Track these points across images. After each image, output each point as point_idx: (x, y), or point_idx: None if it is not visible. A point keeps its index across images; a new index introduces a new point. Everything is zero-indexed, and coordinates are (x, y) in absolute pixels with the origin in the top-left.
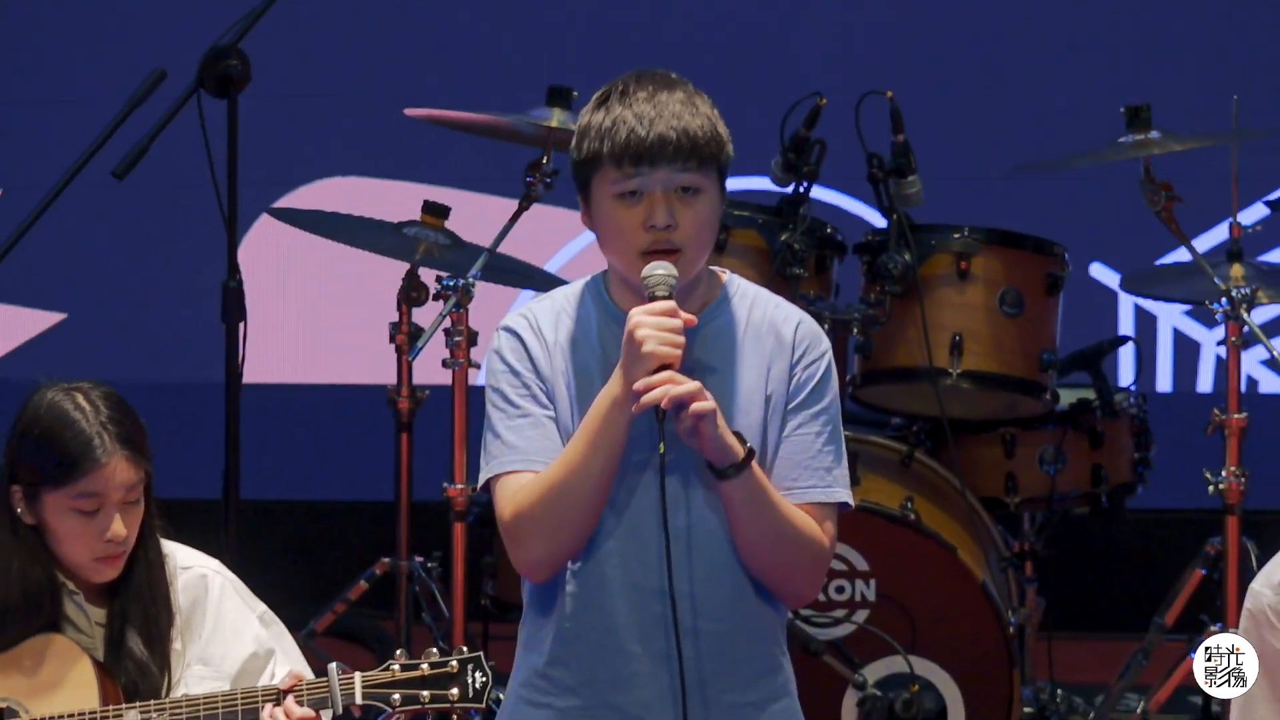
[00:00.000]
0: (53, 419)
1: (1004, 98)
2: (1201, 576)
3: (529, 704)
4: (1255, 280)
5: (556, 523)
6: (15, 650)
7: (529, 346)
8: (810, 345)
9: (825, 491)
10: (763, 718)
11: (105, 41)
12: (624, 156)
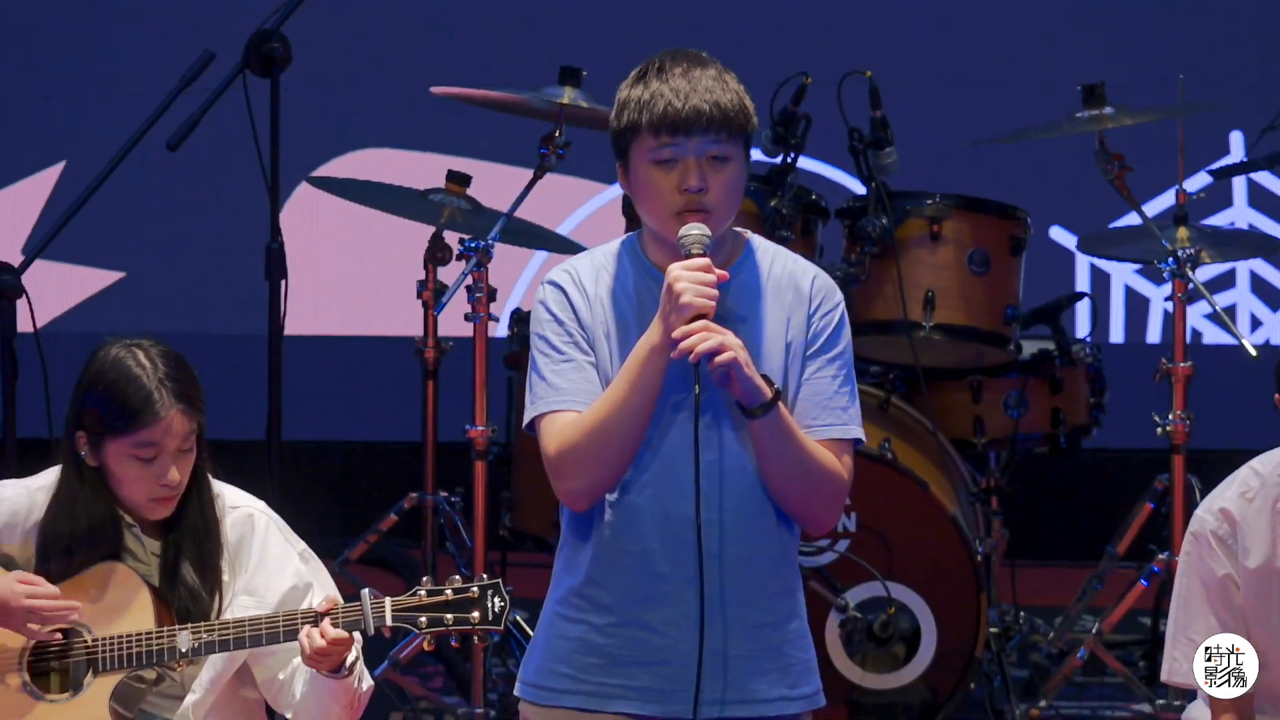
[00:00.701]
0: (117, 374)
1: (972, 76)
2: (1150, 510)
3: (566, 620)
4: (1199, 242)
5: (597, 457)
6: (80, 577)
7: (572, 298)
8: (826, 297)
9: (842, 429)
10: (779, 635)
11: (158, 26)
12: (661, 126)
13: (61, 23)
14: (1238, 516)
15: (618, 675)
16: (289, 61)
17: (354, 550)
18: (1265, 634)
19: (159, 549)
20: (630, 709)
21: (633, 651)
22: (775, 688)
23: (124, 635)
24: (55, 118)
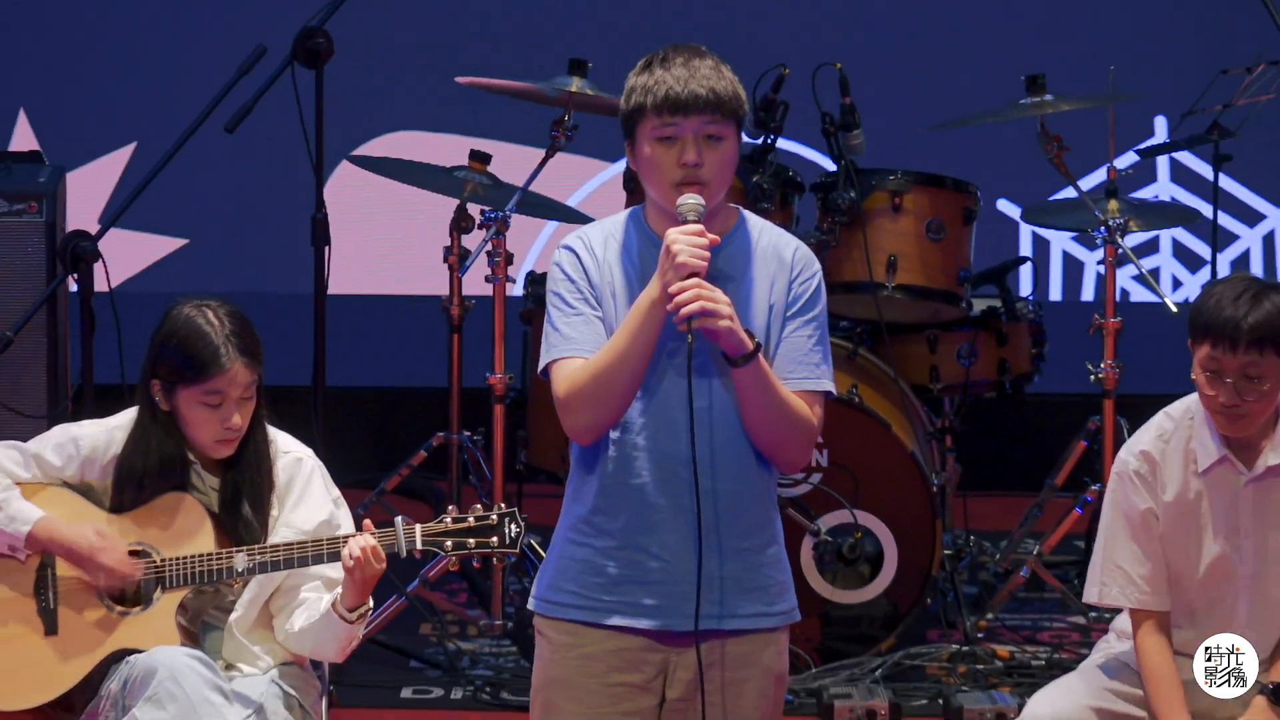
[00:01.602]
0: (188, 331)
1: (930, 68)
2: (1084, 447)
3: (574, 544)
4: (1127, 213)
5: (601, 397)
6: (150, 505)
7: (583, 261)
8: (805, 266)
9: (815, 382)
10: (759, 559)
11: (217, 23)
12: (663, 108)
13: (131, 21)
14: (1156, 457)
15: (617, 593)
16: (331, 55)
17: (389, 483)
18: (1179, 557)
19: (218, 484)
20: (626, 623)
21: (631, 573)
22: (755, 605)
23: (188, 556)
24: (127, 104)
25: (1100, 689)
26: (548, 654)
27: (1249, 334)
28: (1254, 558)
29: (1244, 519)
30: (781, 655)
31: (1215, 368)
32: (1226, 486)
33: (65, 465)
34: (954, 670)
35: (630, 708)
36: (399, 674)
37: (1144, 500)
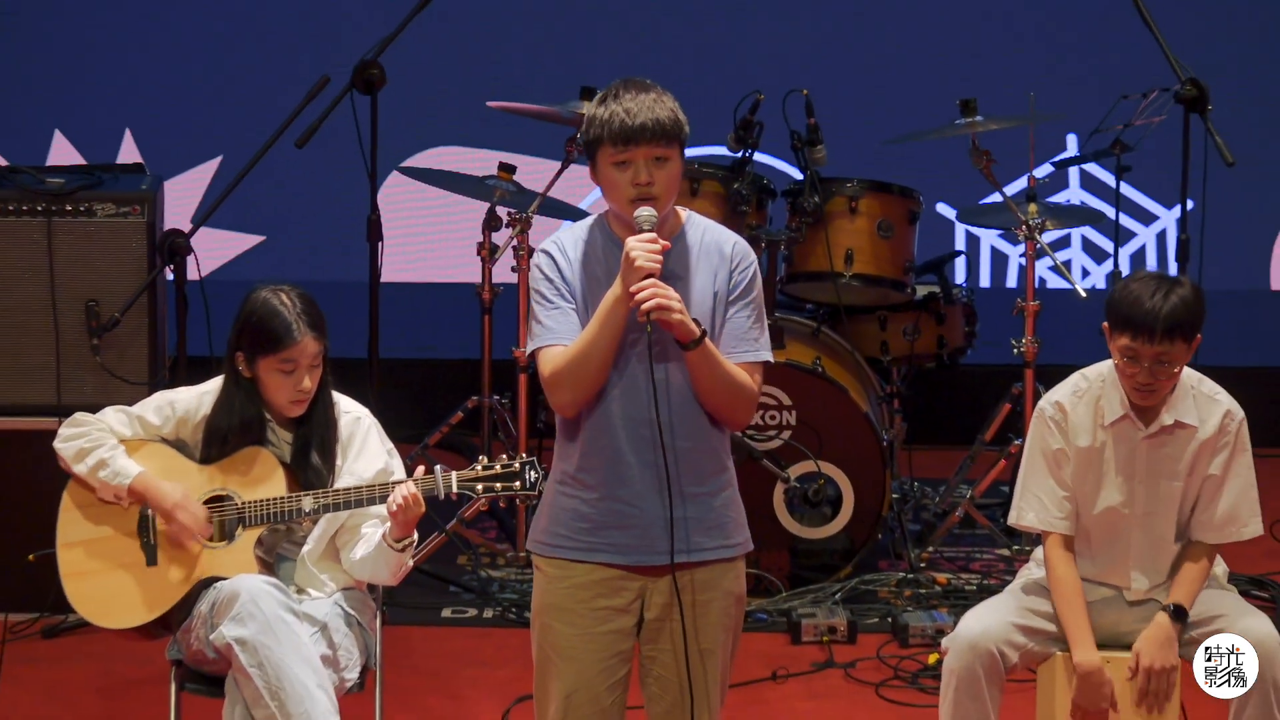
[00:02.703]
0: (266, 310)
1: (881, 93)
2: (1009, 408)
3: (562, 495)
4: (1045, 214)
5: (579, 377)
6: (233, 457)
7: (558, 262)
8: (742, 257)
9: (754, 354)
10: (715, 502)
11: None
12: (617, 138)
13: (218, 54)
14: (1069, 409)
15: (599, 535)
16: (384, 83)
17: (431, 438)
18: (1084, 495)
19: (290, 438)
20: (607, 559)
21: (610, 519)
22: (714, 539)
23: (265, 499)
24: (214, 124)
25: (1020, 608)
26: (543, 585)
27: (1164, 326)
28: (1146, 500)
29: (1139, 467)
30: (739, 579)
31: (1133, 354)
32: (1127, 439)
33: (163, 425)
34: (901, 594)
35: (612, 627)
36: (439, 597)
37: (1057, 441)
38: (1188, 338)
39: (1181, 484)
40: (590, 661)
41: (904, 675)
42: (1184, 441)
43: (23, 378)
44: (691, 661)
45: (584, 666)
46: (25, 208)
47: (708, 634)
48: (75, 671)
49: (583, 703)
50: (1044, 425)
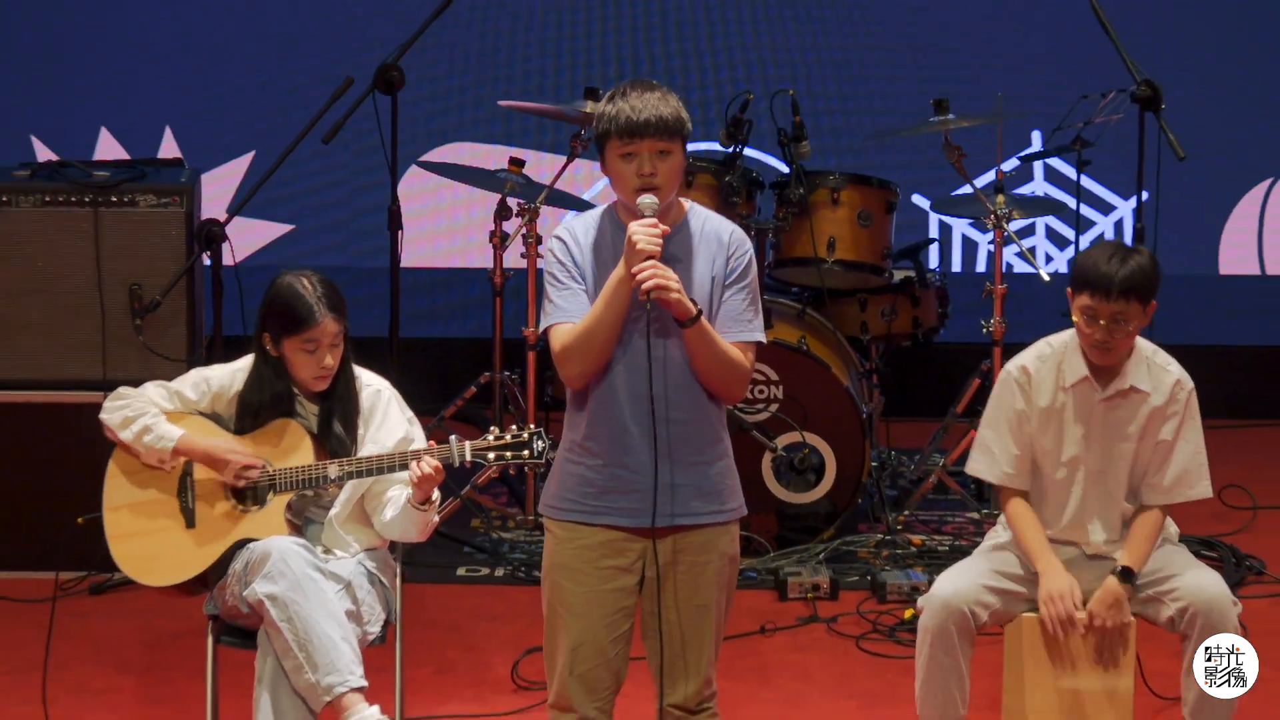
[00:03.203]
0: (290, 294)
1: (863, 93)
2: (978, 383)
3: (570, 463)
4: (1011, 205)
5: (585, 352)
6: (264, 429)
7: (570, 247)
8: (738, 245)
9: (748, 334)
10: (711, 470)
11: (316, 58)
12: (624, 133)
13: (251, 57)
14: (1033, 372)
15: (604, 500)
16: (403, 84)
17: (447, 410)
18: (1045, 452)
19: (316, 411)
20: (611, 522)
21: (614, 484)
22: (709, 505)
23: (294, 467)
24: (247, 122)
25: (990, 570)
26: (553, 546)
27: (1120, 286)
28: (1100, 458)
29: (1095, 427)
30: (734, 542)
31: (1091, 313)
32: (1085, 400)
33: (200, 399)
34: (879, 554)
35: (616, 585)
36: (454, 557)
37: (1019, 403)
38: (1143, 300)
39: (1133, 446)
40: (596, 616)
41: (882, 629)
42: (1137, 405)
43: (71, 355)
44: (688, 617)
45: (590, 621)
46: (74, 199)
47: (704, 592)
48: (120, 625)
49: (589, 654)
50: (1009, 386)
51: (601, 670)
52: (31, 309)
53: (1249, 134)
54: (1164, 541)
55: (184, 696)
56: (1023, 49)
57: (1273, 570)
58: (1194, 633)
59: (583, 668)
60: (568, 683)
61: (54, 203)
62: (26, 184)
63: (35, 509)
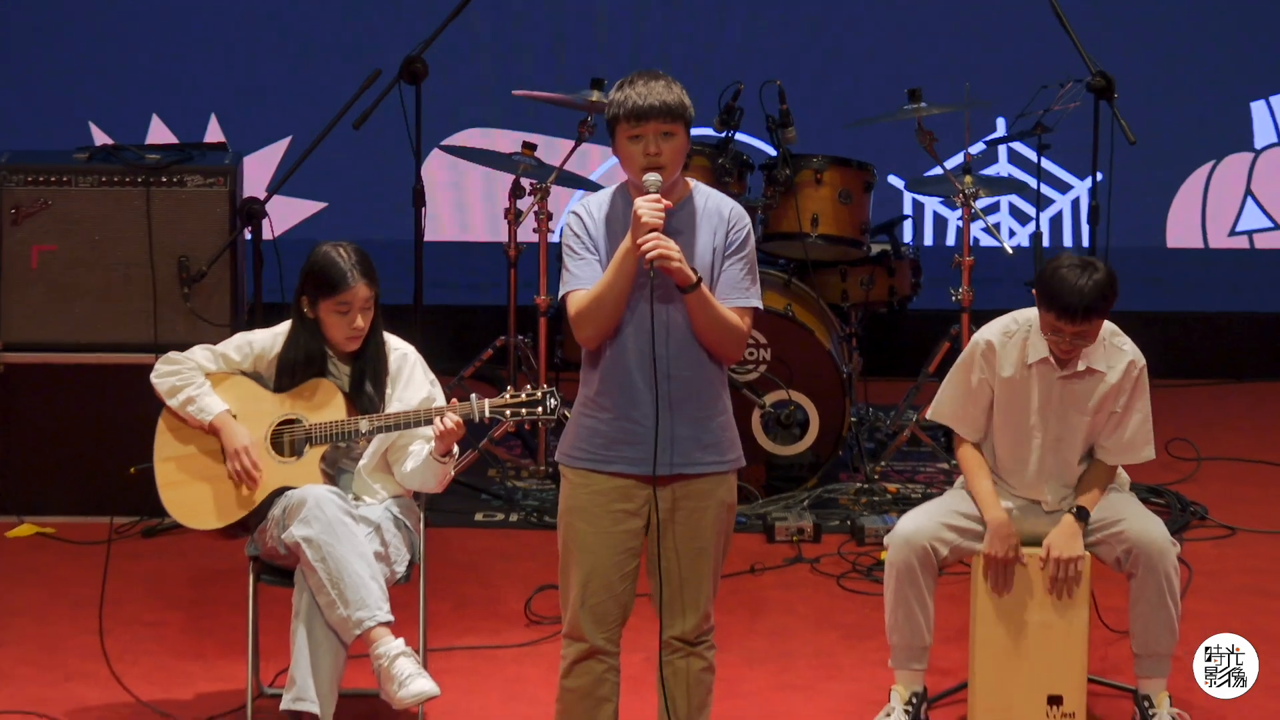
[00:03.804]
0: (325, 261)
1: (844, 82)
2: (948, 346)
3: (584, 415)
4: (978, 184)
5: (597, 315)
6: (301, 386)
7: (585, 221)
8: (738, 219)
9: (745, 300)
10: (712, 424)
11: (347, 51)
12: (632, 117)
13: (290, 50)
14: (998, 346)
15: (613, 449)
16: (426, 75)
17: (466, 371)
18: (1007, 421)
19: (348, 371)
20: (620, 469)
21: (622, 435)
22: (709, 455)
23: (328, 421)
24: (285, 109)
25: (949, 510)
26: (568, 491)
27: (1084, 311)
28: (1057, 428)
29: (1054, 401)
30: (731, 491)
31: (1057, 330)
32: (1046, 377)
33: (242, 360)
34: (858, 501)
35: (625, 527)
36: (472, 504)
37: (981, 372)
38: (1103, 315)
39: (1089, 419)
40: (605, 554)
41: (860, 569)
42: (1093, 384)
43: (125, 320)
44: (688, 558)
45: (600, 559)
46: (128, 179)
47: (702, 535)
48: (170, 565)
49: (599, 589)
50: (974, 356)
51: (610, 604)
52: (89, 279)
53: (1194, 120)
54: (1115, 489)
55: (227, 629)
56: (988, 42)
57: (1214, 515)
58: (1138, 571)
59: (593, 600)
60: (579, 614)
61: (110, 183)
62: (85, 166)
63: (92, 460)
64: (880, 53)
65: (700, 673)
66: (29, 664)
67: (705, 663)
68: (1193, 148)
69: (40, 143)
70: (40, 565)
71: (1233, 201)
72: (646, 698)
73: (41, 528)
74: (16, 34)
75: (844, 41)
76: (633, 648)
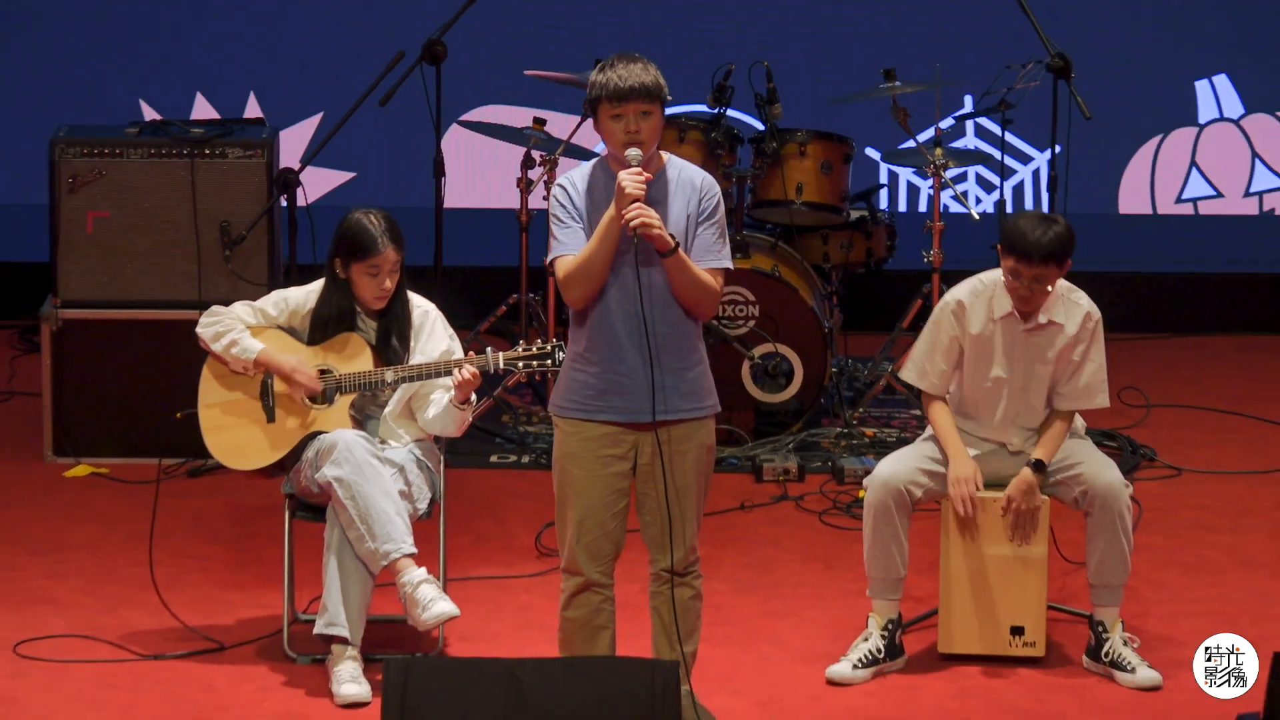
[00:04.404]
0: (357, 227)
1: (826, 62)
2: (920, 303)
3: (574, 370)
4: (947, 156)
5: (584, 278)
6: (332, 340)
7: (569, 192)
8: (709, 189)
9: (717, 262)
10: (690, 374)
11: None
12: (614, 97)
13: (321, 32)
14: (967, 305)
15: (602, 400)
16: (446, 56)
17: (482, 326)
18: (975, 372)
19: (375, 326)
20: (608, 418)
21: (610, 387)
22: (689, 403)
23: (356, 371)
24: (317, 87)
25: (922, 455)
26: (561, 439)
27: (1040, 254)
28: (1021, 377)
29: (1018, 352)
30: (710, 434)
31: (1017, 273)
32: (1010, 330)
33: (279, 315)
34: (838, 444)
35: (613, 470)
36: (488, 446)
37: (951, 330)
38: (1060, 263)
39: (1050, 368)
40: (597, 495)
41: (840, 506)
42: (1054, 335)
43: (173, 280)
44: (672, 496)
45: (592, 500)
46: (174, 151)
47: (684, 476)
48: (213, 502)
49: (592, 527)
50: (946, 315)
51: (603, 540)
52: (140, 242)
53: (1143, 98)
54: (1072, 435)
55: (265, 561)
56: (957, 26)
57: (1162, 457)
58: (1094, 510)
59: (587, 538)
60: (575, 550)
61: (158, 155)
62: (135, 139)
63: (142, 407)
64: (859, 36)
65: (689, 600)
66: (85, 593)
67: (693, 591)
68: (1142, 123)
69: (95, 118)
70: (95, 503)
71: (1179, 172)
72: (643, 625)
73: (96, 468)
74: (77, 19)
75: (826, 26)
76: (629, 578)
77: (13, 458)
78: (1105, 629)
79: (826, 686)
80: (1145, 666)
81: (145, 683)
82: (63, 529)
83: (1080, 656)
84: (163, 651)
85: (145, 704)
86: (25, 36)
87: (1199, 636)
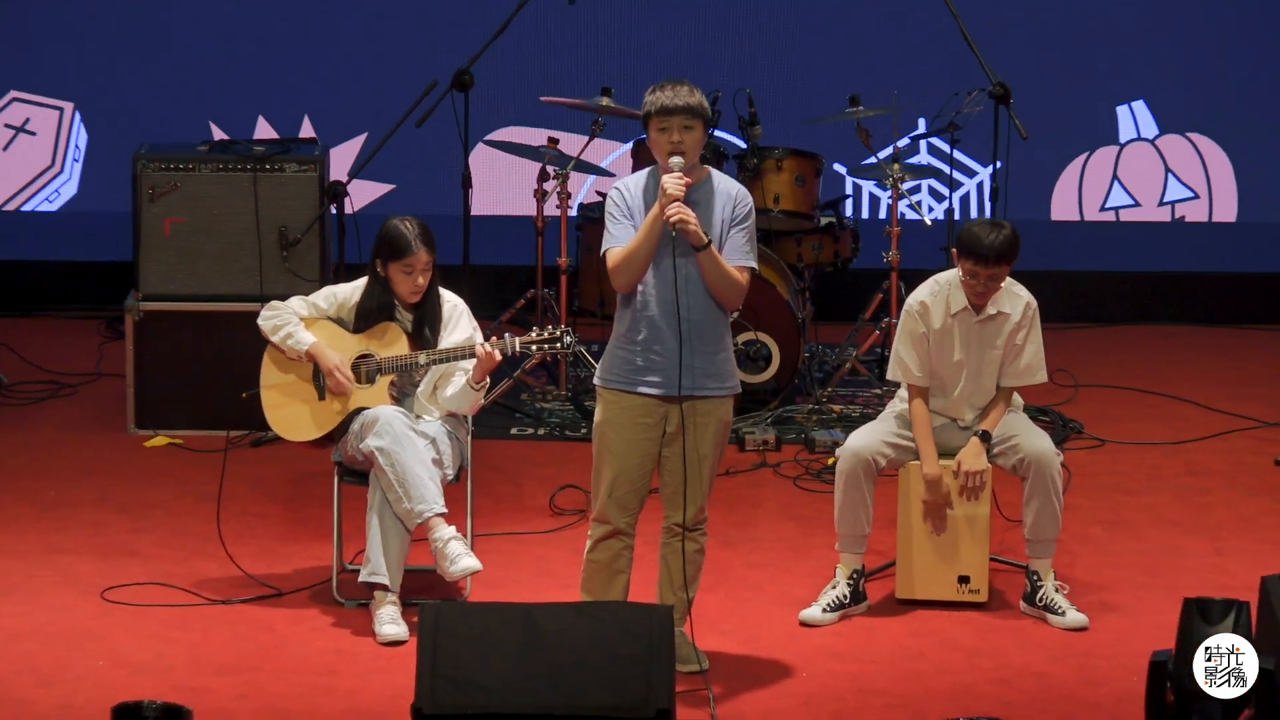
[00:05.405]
0: (394, 232)
1: (799, 90)
2: (880, 298)
3: (618, 349)
4: (904, 170)
5: (630, 267)
6: (373, 329)
7: (624, 194)
8: (743, 200)
9: (745, 261)
10: (717, 358)
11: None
12: (661, 113)
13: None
14: (929, 304)
15: (641, 374)
16: (473, 85)
17: (504, 316)
18: (940, 357)
19: (411, 317)
20: (645, 391)
21: (648, 364)
22: (714, 382)
23: (395, 355)
24: (363, 111)
25: (889, 430)
26: (603, 407)
27: (993, 257)
28: (976, 362)
29: (973, 341)
30: (729, 411)
31: (973, 274)
32: (966, 322)
33: (329, 308)
34: (810, 419)
35: (646, 436)
36: (508, 421)
37: (919, 327)
38: (1010, 262)
39: (999, 353)
40: (630, 457)
41: (812, 472)
42: (1001, 324)
43: (238, 277)
44: (691, 462)
45: (626, 460)
46: (239, 166)
47: (704, 445)
48: (273, 469)
49: (623, 484)
50: (912, 317)
51: (631, 496)
52: (209, 244)
53: (1072, 120)
54: (1012, 410)
55: (317, 520)
56: (912, 59)
57: (1089, 431)
58: (1029, 475)
59: (619, 492)
60: (607, 503)
61: (225, 169)
62: (205, 156)
63: (212, 387)
64: (829, 68)
65: (694, 553)
66: (162, 545)
67: (698, 545)
68: (1071, 142)
69: (171, 137)
70: (170, 469)
71: (1103, 184)
72: (648, 574)
73: (172, 439)
74: (158, 52)
75: (801, 58)
76: (646, 529)
77: (101, 430)
78: (1039, 578)
79: (800, 628)
80: (1074, 610)
81: (214, 624)
82: (143, 491)
83: (1018, 601)
84: (229, 597)
85: (214, 642)
86: (112, 70)
87: (1120, 584)
